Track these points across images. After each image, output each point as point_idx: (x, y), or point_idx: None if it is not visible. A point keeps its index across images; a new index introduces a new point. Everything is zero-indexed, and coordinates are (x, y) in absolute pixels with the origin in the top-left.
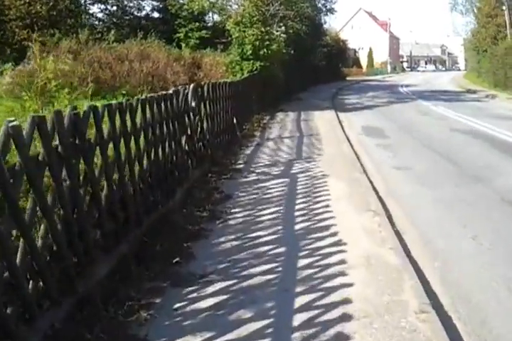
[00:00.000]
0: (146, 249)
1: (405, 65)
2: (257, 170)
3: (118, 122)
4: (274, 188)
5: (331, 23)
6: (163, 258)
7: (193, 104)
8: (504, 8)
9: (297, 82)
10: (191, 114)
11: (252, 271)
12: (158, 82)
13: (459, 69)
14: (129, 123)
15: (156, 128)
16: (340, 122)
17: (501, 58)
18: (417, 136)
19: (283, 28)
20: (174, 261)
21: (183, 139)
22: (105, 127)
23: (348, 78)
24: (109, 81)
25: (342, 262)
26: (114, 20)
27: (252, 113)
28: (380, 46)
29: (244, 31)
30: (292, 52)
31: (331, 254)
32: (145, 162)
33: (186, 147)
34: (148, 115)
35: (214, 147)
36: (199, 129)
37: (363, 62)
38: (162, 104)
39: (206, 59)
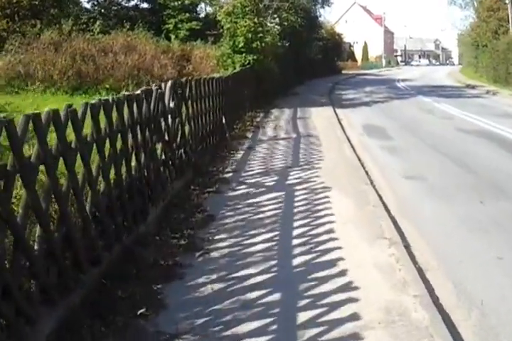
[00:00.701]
0: (104, 295)
1: (399, 59)
2: (248, 181)
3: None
4: (267, 205)
5: (326, 16)
6: (126, 307)
7: (172, 104)
8: (507, 1)
9: (293, 76)
10: (169, 117)
11: (239, 329)
12: (144, 76)
13: (453, 64)
14: (72, 137)
15: (117, 139)
16: (339, 120)
17: (503, 53)
18: (423, 136)
19: (277, 19)
20: (139, 312)
21: (159, 147)
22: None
23: (343, 72)
24: (92, 74)
25: (354, 318)
26: (101, 10)
27: (245, 110)
28: (374, 40)
29: (236, 22)
30: (287, 45)
31: (339, 305)
32: (102, 184)
33: (163, 156)
34: (104, 124)
35: (199, 153)
36: (180, 134)
37: (358, 55)
38: (125, 108)
39: (196, 51)
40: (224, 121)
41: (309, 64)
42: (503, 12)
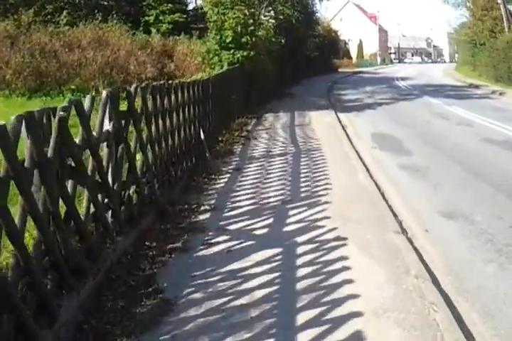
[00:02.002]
0: None
1: (393, 56)
2: (230, 227)
3: None
4: (255, 277)
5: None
6: None
7: (109, 126)
8: (499, 1)
9: (289, 74)
10: (105, 147)
11: None
12: (118, 75)
13: (445, 62)
14: None
15: None
16: (343, 127)
17: (503, 52)
18: (446, 150)
19: (272, 12)
20: None
21: (85, 198)
22: None
23: (339, 70)
24: (55, 73)
25: None
26: None
27: (233, 117)
28: (369, 38)
29: (224, 14)
30: (283, 41)
31: None
32: None
33: (93, 208)
34: None
35: (164, 187)
36: (128, 167)
37: (353, 53)
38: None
39: (179, 47)
40: (203, 136)
41: (306, 62)
42: (497, 11)
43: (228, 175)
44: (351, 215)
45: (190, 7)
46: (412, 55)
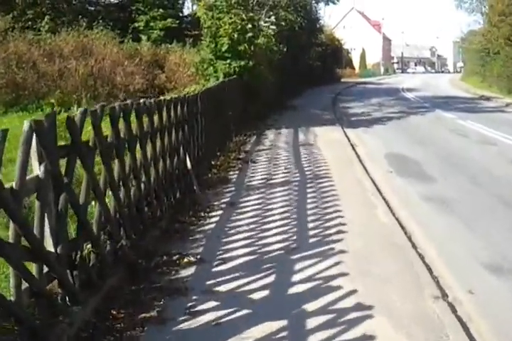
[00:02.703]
0: None
1: (395, 66)
2: (220, 288)
3: None
4: None
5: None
6: None
7: (40, 171)
8: None
9: (291, 85)
10: (36, 201)
11: None
12: (103, 87)
13: (449, 72)
14: None
15: None
16: (353, 147)
17: None
18: (474, 177)
19: (273, 18)
20: None
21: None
22: None
23: (342, 80)
24: (33, 85)
25: None
26: (53, 4)
27: (229, 136)
28: (372, 47)
29: (219, 18)
30: (285, 50)
31: None
32: None
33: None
34: None
35: (135, 235)
36: (78, 222)
37: (355, 63)
38: None
39: (171, 56)
40: (189, 164)
41: (308, 72)
42: None
43: (220, 212)
44: (374, 270)
45: (186, 12)
46: (415, 65)
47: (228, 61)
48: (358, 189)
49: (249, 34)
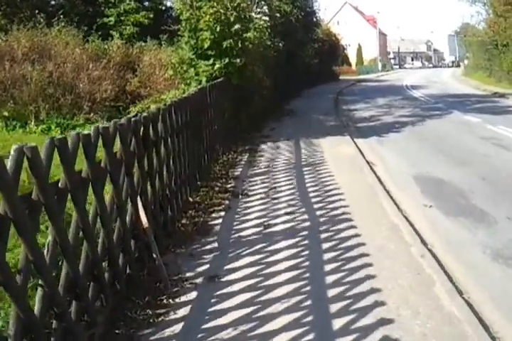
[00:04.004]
0: None
1: (392, 61)
2: None
3: None
4: None
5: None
6: None
7: None
8: None
9: (287, 86)
10: None
11: None
12: (64, 96)
13: (447, 66)
14: None
15: None
16: (370, 166)
17: None
18: None
19: (265, 8)
20: None
21: None
22: None
23: (340, 78)
24: None
25: None
26: None
27: (214, 156)
28: (368, 42)
29: (199, 8)
30: (281, 45)
31: None
32: None
33: None
34: None
35: None
36: None
37: (352, 59)
38: None
39: (146, 57)
40: (145, 221)
41: (305, 70)
42: None
43: (193, 296)
44: None
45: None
46: (412, 60)
47: (211, 60)
48: (393, 241)
49: (236, 26)
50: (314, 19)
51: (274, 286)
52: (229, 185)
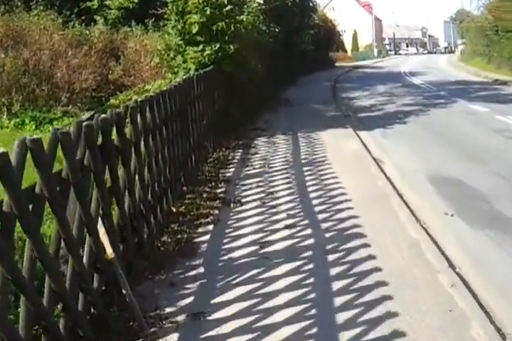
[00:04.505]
0: None
1: (387, 47)
2: None
3: None
4: None
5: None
6: None
7: None
8: None
9: (283, 74)
10: None
11: None
12: (40, 87)
13: (442, 52)
14: None
15: None
16: (378, 164)
17: None
18: None
19: None
20: None
21: None
22: None
23: (336, 64)
24: None
25: None
26: None
27: (203, 155)
28: (363, 28)
29: None
30: (277, 30)
31: None
32: None
33: None
34: None
35: None
36: None
37: (347, 45)
38: None
39: (131, 43)
40: (110, 251)
41: (301, 57)
42: None
43: (174, 339)
44: None
45: None
46: (407, 46)
47: (201, 47)
48: (416, 264)
49: (228, 7)
50: (311, 4)
51: (272, 327)
52: (219, 190)
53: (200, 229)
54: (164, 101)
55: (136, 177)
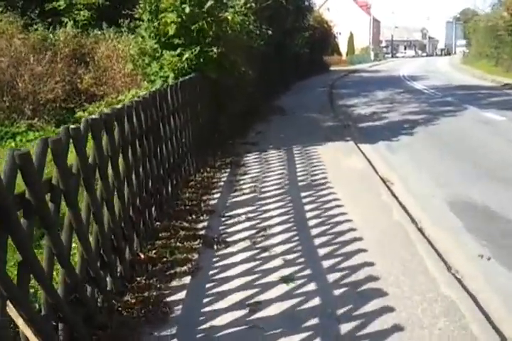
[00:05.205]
0: None
1: (384, 50)
2: None
3: None
4: None
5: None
6: None
7: None
8: None
9: (275, 79)
10: None
11: None
12: (1, 98)
13: (438, 54)
14: None
15: None
16: (387, 186)
17: None
18: None
19: None
20: None
21: None
22: None
23: (331, 68)
24: None
25: None
26: None
27: (182, 179)
28: (360, 30)
29: None
30: (270, 32)
31: None
32: None
33: None
34: None
35: None
36: None
37: (343, 48)
38: None
39: (102, 47)
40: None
41: (295, 61)
42: None
43: None
44: None
45: None
46: (405, 48)
47: (179, 50)
48: (453, 336)
49: (209, 3)
50: (306, 3)
51: None
52: (200, 225)
53: (174, 283)
54: (130, 117)
55: (85, 215)
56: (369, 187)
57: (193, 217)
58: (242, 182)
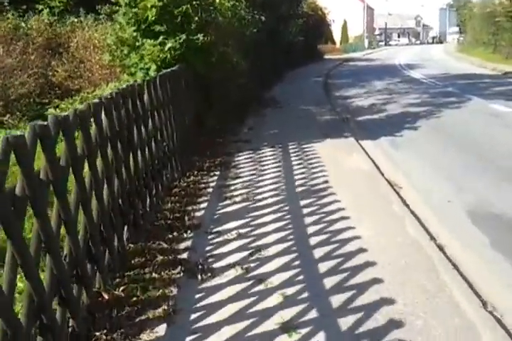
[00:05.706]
0: None
1: (377, 38)
2: None
3: None
4: None
5: None
6: None
7: None
8: None
9: (268, 69)
10: None
11: None
12: None
13: (429, 42)
14: None
15: None
16: (395, 190)
17: None
18: None
19: None
20: None
21: None
22: None
23: (325, 57)
24: None
25: None
26: None
27: (161, 188)
28: (354, 18)
29: None
30: (263, 19)
31: None
32: None
33: None
34: None
35: None
36: None
37: (336, 36)
38: None
39: (78, 37)
40: None
41: (288, 49)
42: None
43: None
44: None
45: None
46: (399, 36)
47: (160, 39)
48: None
49: None
50: None
51: None
52: (182, 246)
53: (144, 336)
54: (95, 119)
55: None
56: (375, 194)
57: (175, 234)
58: (232, 187)
